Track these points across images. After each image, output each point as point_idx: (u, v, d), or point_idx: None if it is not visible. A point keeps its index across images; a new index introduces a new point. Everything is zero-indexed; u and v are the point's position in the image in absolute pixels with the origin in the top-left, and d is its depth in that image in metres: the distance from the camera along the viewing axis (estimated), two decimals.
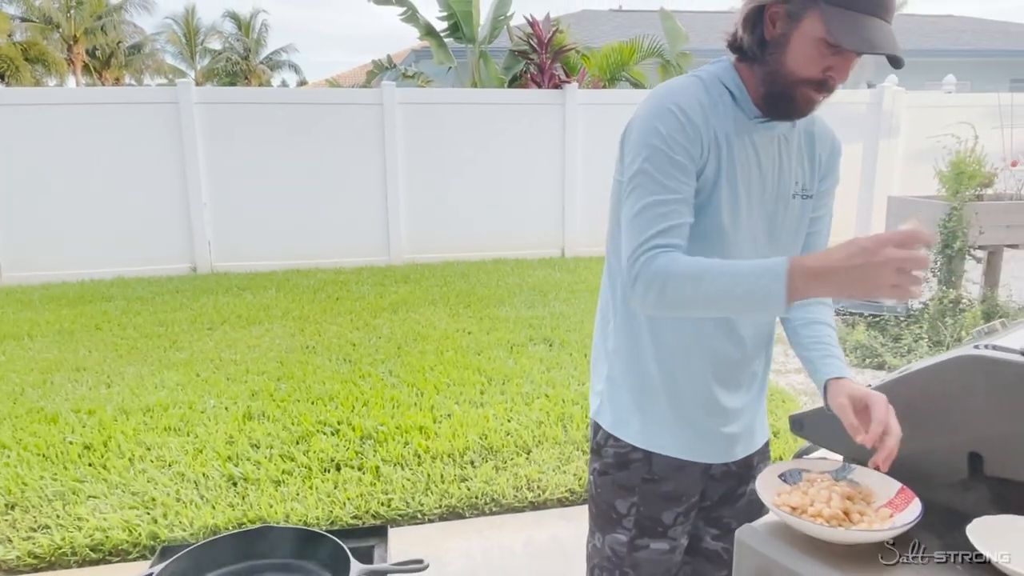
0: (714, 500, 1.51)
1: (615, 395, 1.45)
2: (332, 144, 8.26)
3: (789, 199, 1.36)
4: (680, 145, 1.22)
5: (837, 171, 1.44)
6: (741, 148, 1.28)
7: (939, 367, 1.21)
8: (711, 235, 1.28)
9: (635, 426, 1.42)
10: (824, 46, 1.15)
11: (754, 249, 1.34)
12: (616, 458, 1.45)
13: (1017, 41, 16.91)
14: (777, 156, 1.33)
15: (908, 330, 5.07)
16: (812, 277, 1.07)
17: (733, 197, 1.28)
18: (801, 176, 1.37)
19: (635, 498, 1.44)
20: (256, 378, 4.51)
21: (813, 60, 1.17)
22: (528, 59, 10.37)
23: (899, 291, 1.02)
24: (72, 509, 2.99)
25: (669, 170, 1.21)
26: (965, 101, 9.35)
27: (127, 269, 7.83)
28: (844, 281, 1.05)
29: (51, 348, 5.22)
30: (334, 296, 6.78)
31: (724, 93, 1.28)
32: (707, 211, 1.27)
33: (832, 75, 1.18)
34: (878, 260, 1.01)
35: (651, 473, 1.42)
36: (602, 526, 1.49)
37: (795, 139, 1.36)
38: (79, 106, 7.69)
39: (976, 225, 5.24)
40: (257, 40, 30.17)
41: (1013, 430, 1.13)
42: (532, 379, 4.43)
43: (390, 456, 3.43)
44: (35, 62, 24.08)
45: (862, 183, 9.52)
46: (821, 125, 1.42)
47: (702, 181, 1.26)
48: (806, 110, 1.24)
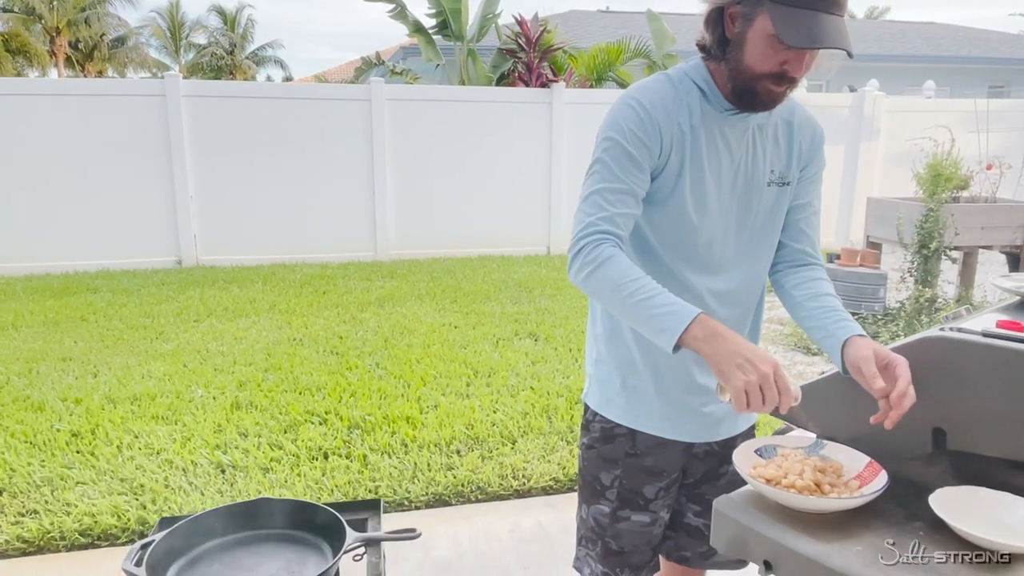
0: (697, 477, 1.57)
1: (602, 376, 1.53)
2: (320, 139, 8.27)
3: (763, 187, 1.41)
4: (638, 139, 1.30)
5: (820, 157, 1.49)
6: (709, 139, 1.34)
7: (906, 347, 1.28)
8: (678, 221, 1.36)
9: (619, 404, 1.50)
10: (776, 42, 1.20)
11: (724, 234, 1.40)
12: (602, 432, 1.53)
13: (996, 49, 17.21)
14: (750, 145, 1.38)
15: (886, 328, 5.19)
16: (702, 341, 1.18)
17: (700, 186, 1.35)
18: (777, 164, 1.42)
19: (618, 471, 1.51)
20: (244, 369, 4.53)
21: (768, 56, 1.22)
22: (516, 58, 10.44)
23: (740, 396, 1.14)
24: (60, 495, 3.01)
25: (624, 162, 1.31)
26: (944, 106, 9.52)
27: (112, 262, 7.80)
28: (720, 360, 1.16)
29: (36, 338, 5.21)
30: (321, 290, 6.80)
31: (693, 89, 1.34)
32: (673, 199, 1.35)
33: (788, 68, 1.23)
34: (758, 368, 1.13)
35: (634, 448, 1.50)
36: (588, 498, 1.56)
37: (771, 128, 1.41)
38: (65, 97, 7.65)
39: (952, 226, 5.36)
40: (243, 35, 29.98)
41: (974, 407, 1.20)
42: (518, 372, 4.49)
43: (377, 445, 3.48)
44: (17, 53, 23.78)
45: (843, 184, 9.67)
46: (802, 114, 1.47)
47: (667, 171, 1.33)
48: (772, 102, 1.30)
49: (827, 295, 1.42)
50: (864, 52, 16.11)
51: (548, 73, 10.33)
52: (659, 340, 1.23)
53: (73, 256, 7.71)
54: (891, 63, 15.62)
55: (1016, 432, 1.16)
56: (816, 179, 1.49)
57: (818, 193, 1.51)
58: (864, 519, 1.15)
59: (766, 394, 1.13)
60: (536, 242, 9.06)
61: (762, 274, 1.49)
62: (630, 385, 1.48)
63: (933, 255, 5.42)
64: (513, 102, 8.88)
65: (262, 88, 10.64)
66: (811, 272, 1.48)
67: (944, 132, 5.53)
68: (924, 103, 10.05)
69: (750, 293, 1.49)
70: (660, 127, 1.30)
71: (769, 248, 1.48)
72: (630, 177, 1.31)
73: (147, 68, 28.66)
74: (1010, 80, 16.51)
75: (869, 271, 5.60)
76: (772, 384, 1.13)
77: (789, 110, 1.44)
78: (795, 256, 1.51)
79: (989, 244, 5.75)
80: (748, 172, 1.39)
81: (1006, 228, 5.61)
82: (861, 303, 5.53)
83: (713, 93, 1.34)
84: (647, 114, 1.30)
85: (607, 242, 1.28)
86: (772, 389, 1.13)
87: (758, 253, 1.46)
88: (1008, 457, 1.18)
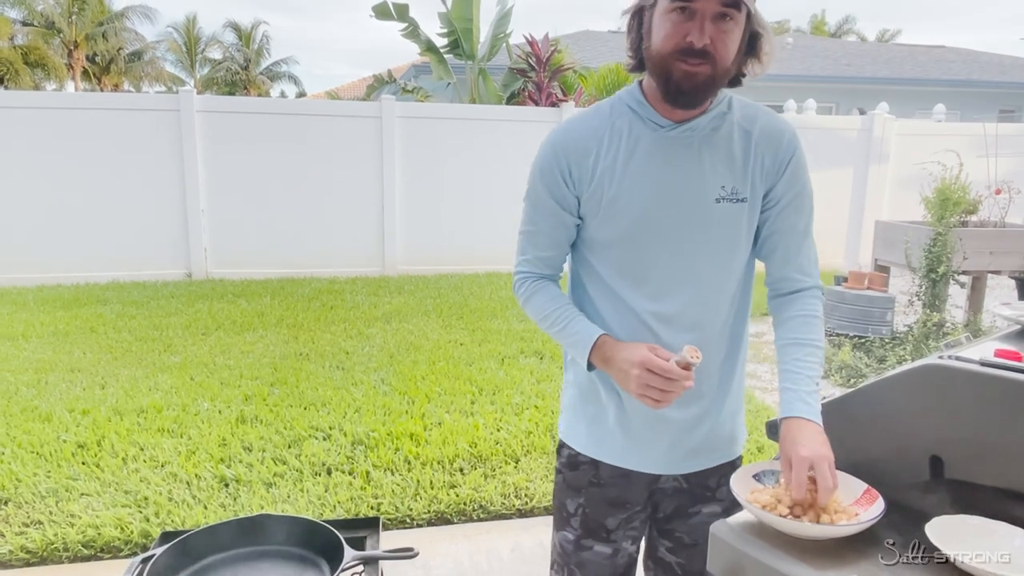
0: (667, 513, 1.52)
1: (567, 404, 1.53)
2: (331, 155, 8.35)
3: (712, 204, 1.33)
4: (553, 184, 1.36)
5: (795, 177, 1.37)
6: (645, 160, 1.31)
7: (905, 375, 1.29)
8: (616, 244, 1.36)
9: (583, 434, 1.49)
10: (671, 13, 1.20)
11: (669, 256, 1.34)
12: (568, 459, 1.52)
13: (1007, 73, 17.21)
14: (695, 161, 1.32)
15: (893, 352, 5.17)
16: (602, 361, 1.33)
17: (635, 208, 1.32)
18: (729, 179, 1.33)
19: (582, 499, 1.49)
20: (250, 383, 4.55)
21: (669, 33, 1.21)
22: (526, 77, 10.53)
23: (645, 400, 1.26)
24: (65, 506, 3.03)
25: (539, 207, 1.40)
26: (953, 130, 9.52)
27: (122, 273, 7.86)
28: (616, 376, 1.32)
29: (46, 349, 5.25)
30: (328, 305, 6.83)
31: (624, 112, 1.34)
32: (610, 223, 1.34)
33: (692, 40, 1.19)
34: (632, 373, 1.25)
35: (597, 478, 1.47)
36: (557, 522, 1.56)
37: (724, 141, 1.33)
38: (80, 111, 7.76)
39: (960, 251, 5.35)
40: (258, 51, 30.37)
41: (971, 435, 1.20)
42: (522, 390, 4.50)
43: (381, 462, 3.48)
44: (35, 66, 24.17)
45: (852, 207, 9.67)
46: (766, 123, 1.36)
47: (595, 198, 1.34)
48: (695, 84, 1.23)
49: (796, 344, 1.37)
50: (874, 75, 16.16)
51: (558, 93, 10.40)
52: (580, 363, 1.37)
53: (84, 267, 7.78)
54: (901, 86, 15.64)
55: (1013, 462, 1.16)
56: (797, 204, 1.38)
57: (805, 217, 1.41)
58: (861, 547, 1.15)
59: (659, 387, 1.23)
60: None
61: (720, 296, 1.39)
62: (590, 414, 1.47)
63: (941, 279, 5.41)
64: (523, 121, 8.94)
65: (274, 104, 10.77)
66: (797, 305, 1.42)
67: (953, 156, 5.53)
68: (934, 127, 10.05)
69: (708, 315, 1.38)
70: (571, 166, 1.34)
71: (725, 268, 1.38)
72: (546, 220, 1.39)
73: (162, 82, 29.05)
74: (1020, 104, 16.49)
75: (877, 294, 5.58)
76: (655, 378, 1.22)
77: (750, 120, 1.35)
78: (782, 282, 1.44)
79: (998, 269, 5.73)
80: (690, 189, 1.32)
81: (1015, 253, 5.59)
82: (868, 326, 5.51)
83: (646, 110, 1.32)
84: (556, 157, 1.35)
85: (528, 279, 1.45)
86: (658, 381, 1.23)
87: (710, 274, 1.37)
88: (1005, 487, 1.18)
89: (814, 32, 30.61)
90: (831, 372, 5.10)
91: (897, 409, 1.30)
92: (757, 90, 14.86)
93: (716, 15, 1.19)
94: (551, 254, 1.43)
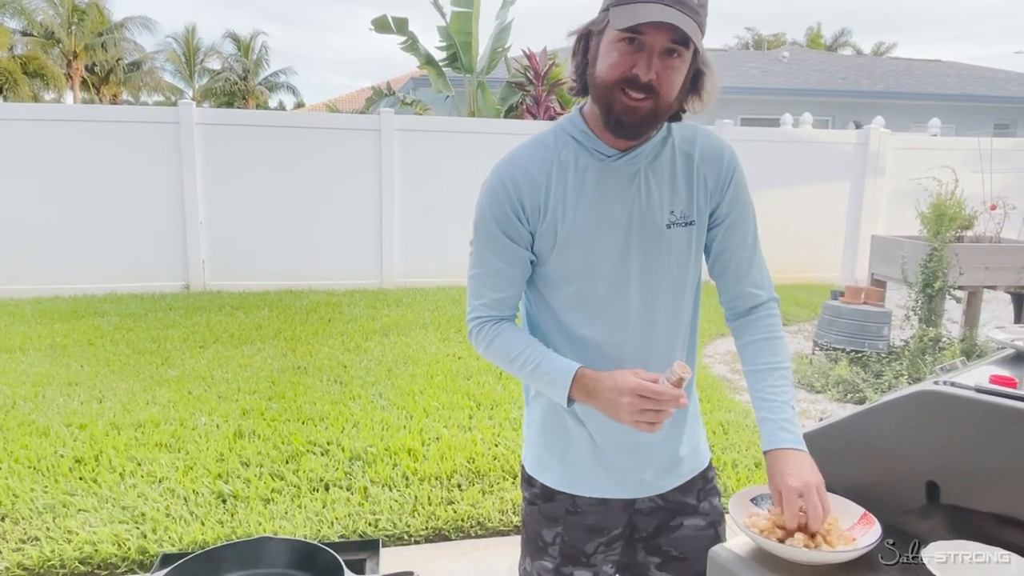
0: (649, 531, 1.51)
1: (536, 440, 1.50)
2: (329, 168, 8.38)
3: (663, 230, 1.33)
4: (505, 221, 1.32)
5: (736, 193, 1.39)
6: (592, 190, 1.31)
7: (900, 401, 1.31)
8: (575, 277, 1.34)
9: (556, 471, 1.46)
10: (619, 43, 1.18)
11: (623, 285, 1.34)
12: (543, 490, 1.48)
13: (1002, 87, 17.33)
14: (642, 188, 1.32)
15: (889, 367, 5.18)
16: (585, 394, 1.27)
17: (585, 241, 1.31)
18: (677, 203, 1.34)
19: (559, 528, 1.47)
20: (247, 397, 4.55)
21: (615, 62, 1.20)
22: (524, 91, 10.59)
23: (639, 426, 1.21)
24: (62, 522, 3.02)
25: (492, 247, 1.34)
26: (948, 144, 9.58)
27: (120, 285, 7.86)
28: (603, 407, 1.25)
29: (43, 362, 5.24)
30: (326, 318, 6.84)
31: (568, 143, 1.32)
32: (566, 258, 1.33)
33: (638, 73, 1.18)
34: (623, 401, 1.20)
35: (575, 507, 1.46)
36: (531, 552, 1.53)
37: (667, 166, 1.34)
38: (79, 123, 7.79)
39: (956, 266, 5.38)
40: (256, 61, 30.50)
41: (968, 461, 1.22)
42: (520, 405, 4.50)
43: (378, 477, 3.48)
44: (34, 76, 24.23)
45: (848, 220, 9.71)
46: (705, 144, 1.37)
47: (545, 233, 1.32)
48: (636, 118, 1.22)
49: (763, 369, 1.39)
50: (870, 89, 16.27)
51: (556, 106, 10.46)
52: (558, 401, 1.31)
53: (82, 279, 7.78)
54: (897, 100, 15.74)
55: (1009, 488, 1.17)
56: (743, 220, 1.40)
57: (752, 232, 1.43)
58: (858, 572, 1.16)
59: (653, 410, 1.19)
60: None
61: (678, 319, 1.41)
62: (560, 449, 1.45)
63: (937, 294, 5.43)
64: (521, 134, 8.83)
65: (273, 117, 10.81)
66: (757, 326, 1.43)
67: (948, 172, 5.57)
68: (929, 141, 10.12)
69: (668, 339, 1.40)
70: (523, 201, 1.30)
71: (680, 291, 1.39)
72: (500, 259, 1.34)
73: (161, 92, 29.15)
74: (1015, 119, 16.60)
75: (873, 309, 5.60)
76: (647, 402, 1.18)
77: (689, 142, 1.36)
78: (739, 299, 1.45)
79: (993, 284, 5.76)
80: (642, 217, 1.32)
81: (1010, 269, 5.62)
82: (865, 341, 5.52)
83: (590, 140, 1.31)
84: (506, 193, 1.31)
85: (487, 323, 1.38)
86: (651, 405, 1.18)
87: (667, 298, 1.38)
88: (1002, 513, 1.19)
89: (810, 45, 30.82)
90: (828, 387, 5.11)
91: (893, 435, 1.31)
92: (754, 104, 14.95)
93: (664, 50, 1.18)
94: (507, 294, 1.37)
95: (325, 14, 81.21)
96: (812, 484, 1.21)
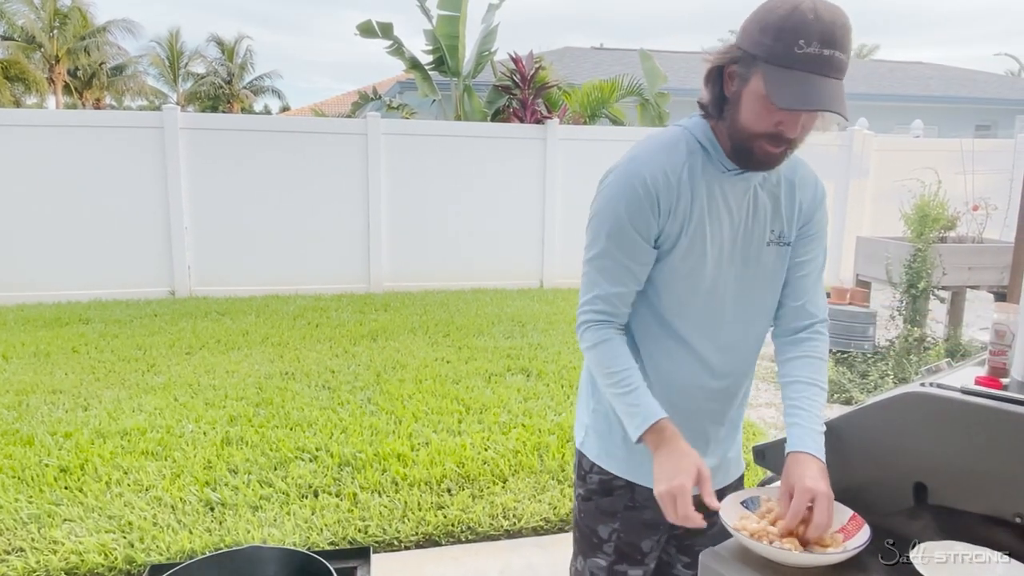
0: (685, 529, 1.54)
1: (601, 428, 1.52)
2: (316, 172, 8.34)
3: (763, 247, 1.42)
4: (639, 215, 1.34)
5: (822, 214, 1.48)
6: (711, 200, 1.36)
7: (887, 403, 1.32)
8: (678, 282, 1.39)
9: (620, 458, 1.50)
10: (769, 103, 1.20)
11: (723, 295, 1.41)
12: (600, 485, 1.52)
13: (983, 89, 17.54)
14: (751, 205, 1.39)
15: (875, 367, 5.22)
16: (654, 443, 1.33)
17: (699, 248, 1.36)
18: (778, 223, 1.43)
19: (616, 524, 1.51)
20: (235, 403, 4.52)
21: (762, 116, 1.23)
22: (511, 94, 10.59)
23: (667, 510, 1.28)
24: (47, 532, 2.99)
25: (619, 240, 1.36)
26: (931, 146, 9.68)
27: (104, 292, 7.79)
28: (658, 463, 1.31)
29: (27, 370, 5.19)
30: (314, 323, 6.80)
31: (697, 150, 1.36)
32: (672, 261, 1.37)
33: (783, 129, 1.23)
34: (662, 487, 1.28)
35: (633, 501, 1.49)
36: (584, 550, 1.56)
37: (772, 187, 1.42)
38: (62, 128, 7.71)
39: (940, 266, 5.43)
40: (241, 65, 30.28)
41: (954, 462, 1.23)
42: (509, 409, 4.50)
43: (368, 483, 3.47)
44: (15, 80, 23.97)
45: (833, 221, 9.77)
46: (804, 171, 1.46)
47: (667, 235, 1.36)
48: (769, 163, 1.30)
49: (799, 382, 1.43)
50: (853, 91, 16.35)
51: (542, 110, 10.47)
52: (629, 431, 1.37)
53: (66, 286, 7.69)
54: (880, 102, 15.88)
55: (995, 488, 1.18)
56: (819, 235, 1.49)
57: (821, 251, 1.50)
58: (847, 573, 1.17)
59: (678, 507, 1.25)
60: (529, 275, 9.10)
61: (758, 338, 1.49)
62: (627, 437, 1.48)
63: (921, 294, 5.48)
64: (508, 137, 8.99)
65: (259, 121, 10.76)
66: (806, 345, 1.48)
67: (931, 173, 5.62)
68: (912, 142, 10.22)
69: (744, 358, 1.49)
70: (659, 201, 1.33)
71: (767, 310, 1.48)
72: (625, 253, 1.36)
73: (145, 96, 28.90)
74: (996, 120, 16.81)
75: (858, 309, 5.65)
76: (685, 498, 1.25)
77: (791, 168, 1.44)
78: (796, 315, 1.50)
79: (976, 284, 5.82)
80: (748, 232, 1.40)
81: (992, 268, 5.68)
82: (851, 341, 5.57)
83: (717, 152, 1.35)
84: (645, 188, 1.33)
85: (600, 325, 1.41)
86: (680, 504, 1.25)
87: (755, 314, 1.47)
88: (988, 513, 1.20)
89: None
90: None
91: (880, 436, 1.32)
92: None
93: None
94: (624, 290, 1.40)
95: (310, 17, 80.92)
96: (826, 494, 1.24)
